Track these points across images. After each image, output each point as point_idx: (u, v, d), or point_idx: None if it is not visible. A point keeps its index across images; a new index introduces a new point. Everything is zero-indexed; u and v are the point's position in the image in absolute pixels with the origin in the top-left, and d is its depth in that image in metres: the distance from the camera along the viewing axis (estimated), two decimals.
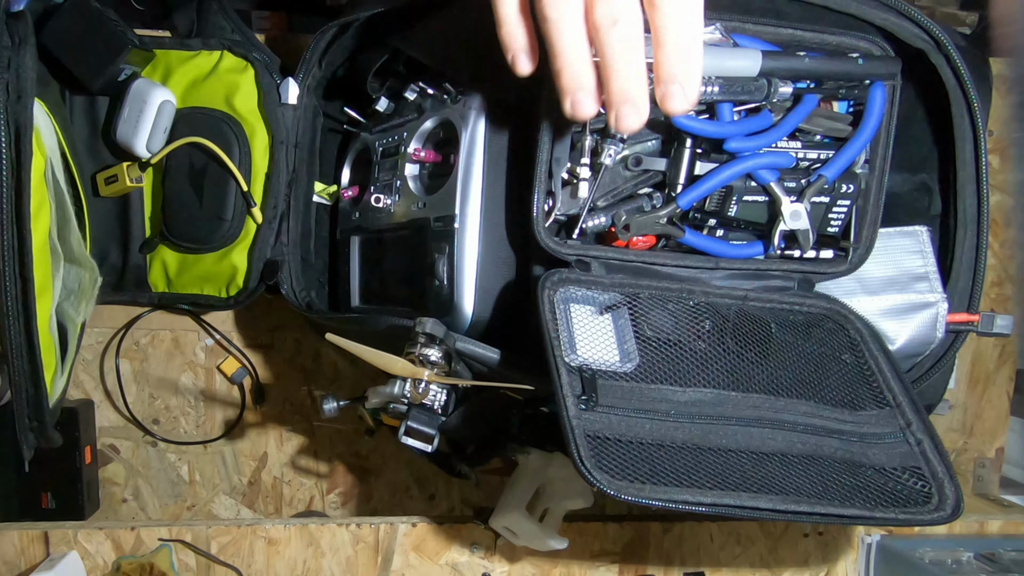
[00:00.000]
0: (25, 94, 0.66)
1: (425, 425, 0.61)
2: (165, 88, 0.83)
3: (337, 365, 1.00)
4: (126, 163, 0.86)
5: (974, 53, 0.68)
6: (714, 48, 0.60)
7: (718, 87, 0.59)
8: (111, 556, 0.86)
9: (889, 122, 0.64)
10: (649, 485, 0.49)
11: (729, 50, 0.60)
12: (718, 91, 0.59)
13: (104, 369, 0.98)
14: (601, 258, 0.63)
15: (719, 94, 0.60)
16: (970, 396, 1.06)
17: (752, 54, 0.59)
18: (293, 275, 0.87)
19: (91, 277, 0.83)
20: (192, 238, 0.87)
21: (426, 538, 0.89)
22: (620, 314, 0.61)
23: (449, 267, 0.67)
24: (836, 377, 0.62)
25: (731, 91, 0.60)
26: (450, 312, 0.67)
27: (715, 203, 0.65)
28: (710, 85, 0.59)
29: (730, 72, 0.59)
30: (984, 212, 0.70)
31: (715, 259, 0.65)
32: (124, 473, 1.01)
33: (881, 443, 0.57)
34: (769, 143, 0.62)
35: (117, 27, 0.79)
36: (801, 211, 0.63)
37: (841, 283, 0.69)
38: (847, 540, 0.95)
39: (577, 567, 0.91)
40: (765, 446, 0.55)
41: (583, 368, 0.56)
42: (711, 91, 0.59)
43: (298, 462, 1.03)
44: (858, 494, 0.52)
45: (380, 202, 0.76)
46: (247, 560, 0.88)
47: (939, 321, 0.70)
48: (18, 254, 0.66)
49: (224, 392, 1.00)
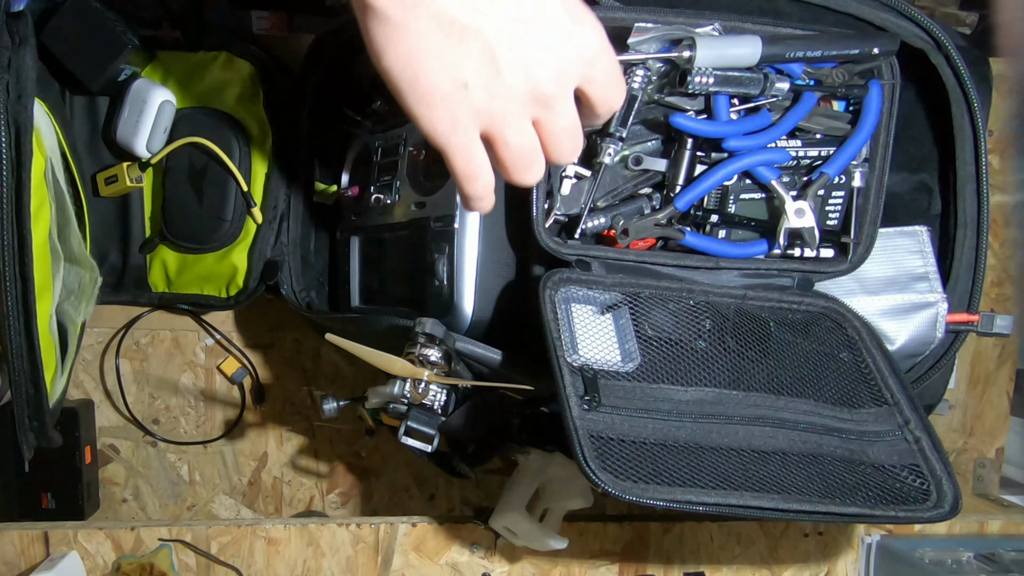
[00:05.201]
0: (25, 94, 0.66)
1: (425, 425, 0.61)
2: (165, 88, 0.83)
3: (337, 365, 1.00)
4: (126, 163, 0.86)
5: (974, 53, 0.68)
6: (715, 38, 0.60)
7: (713, 78, 0.59)
8: (111, 556, 0.86)
9: (889, 120, 0.64)
10: (653, 485, 0.49)
11: (730, 38, 0.60)
12: (713, 82, 0.59)
13: (104, 369, 0.98)
14: (601, 258, 0.63)
15: (714, 85, 0.60)
16: (970, 396, 1.06)
17: (752, 40, 0.59)
18: (293, 275, 0.87)
19: (91, 277, 0.83)
20: (192, 238, 0.87)
21: (426, 538, 0.89)
22: (621, 314, 0.61)
23: (449, 267, 0.67)
24: (835, 376, 0.62)
25: (727, 83, 0.60)
26: (450, 312, 0.67)
27: (713, 203, 0.65)
28: (705, 76, 0.59)
29: (731, 61, 0.59)
30: (984, 212, 0.70)
31: (715, 259, 0.65)
32: (124, 473, 1.01)
33: (880, 441, 0.58)
34: (768, 141, 0.62)
35: (117, 27, 0.79)
36: (805, 208, 0.63)
37: (841, 283, 0.69)
38: (847, 540, 0.95)
39: (577, 567, 0.91)
40: (766, 445, 0.55)
41: (585, 368, 0.56)
42: (706, 82, 0.59)
43: (298, 462, 1.03)
44: (858, 492, 0.52)
45: (380, 202, 0.76)
46: (247, 560, 0.88)
47: (939, 321, 0.70)
48: (18, 254, 0.66)
49: (224, 392, 1.00)
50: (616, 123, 0.61)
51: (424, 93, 0.44)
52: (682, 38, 0.60)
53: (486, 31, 0.42)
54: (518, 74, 0.43)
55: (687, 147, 0.63)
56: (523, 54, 0.43)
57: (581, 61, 0.45)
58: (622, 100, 0.48)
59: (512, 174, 0.47)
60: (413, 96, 0.44)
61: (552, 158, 0.47)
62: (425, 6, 0.41)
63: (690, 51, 0.58)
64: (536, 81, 0.44)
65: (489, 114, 0.44)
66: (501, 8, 0.42)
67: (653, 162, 0.65)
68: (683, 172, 0.63)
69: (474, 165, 0.46)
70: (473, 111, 0.44)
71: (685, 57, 0.58)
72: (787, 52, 0.60)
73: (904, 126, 0.69)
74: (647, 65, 0.61)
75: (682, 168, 0.63)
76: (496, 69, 0.43)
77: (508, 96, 0.44)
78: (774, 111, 0.64)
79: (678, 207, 0.63)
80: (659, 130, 0.65)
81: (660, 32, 0.60)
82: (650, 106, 0.63)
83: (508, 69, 0.43)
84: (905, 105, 0.69)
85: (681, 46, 0.59)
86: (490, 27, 0.42)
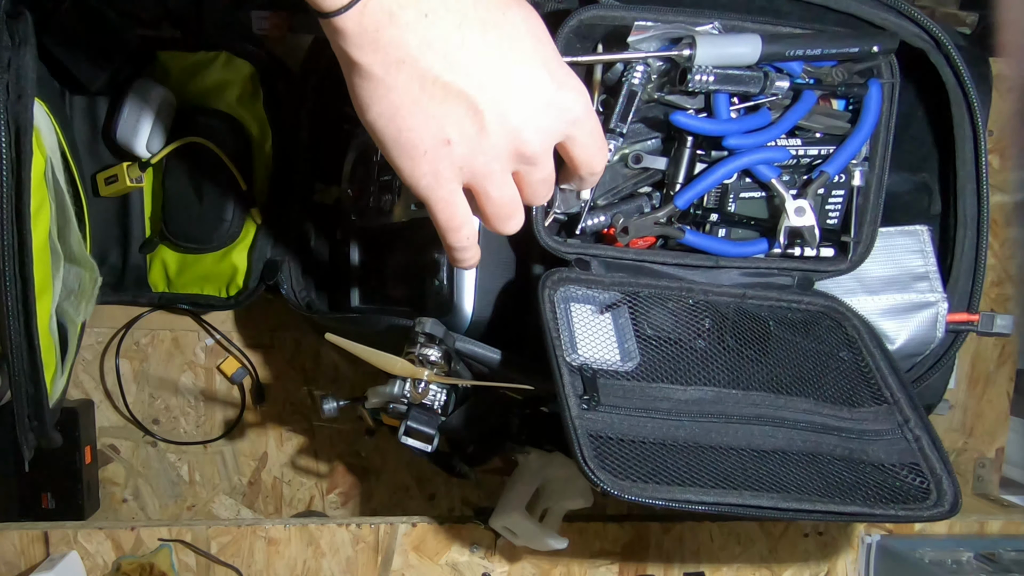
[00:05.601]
0: (25, 94, 0.65)
1: (425, 425, 0.61)
2: (165, 88, 0.83)
3: (337, 365, 1.00)
4: (126, 163, 0.86)
5: (974, 53, 0.68)
6: (715, 36, 0.60)
7: (713, 77, 0.59)
8: (111, 556, 0.86)
9: (889, 119, 0.64)
10: (652, 484, 0.49)
11: (730, 37, 0.60)
12: (713, 80, 0.59)
13: (104, 369, 0.98)
14: (601, 257, 0.63)
15: (714, 83, 0.60)
16: (970, 396, 1.06)
17: (752, 39, 0.59)
18: (293, 275, 0.87)
19: (91, 277, 0.83)
20: (192, 238, 0.87)
21: (426, 538, 0.89)
22: (620, 313, 0.61)
23: (449, 267, 0.67)
24: (834, 374, 0.62)
25: (727, 81, 0.60)
26: (450, 312, 0.67)
27: (713, 201, 0.65)
28: (704, 74, 0.59)
29: (730, 60, 0.59)
30: (984, 212, 0.70)
31: (714, 258, 0.65)
32: (124, 473, 1.01)
33: (880, 440, 0.58)
34: (768, 140, 0.62)
35: (117, 27, 0.79)
36: (806, 207, 0.63)
37: (841, 282, 0.69)
38: (847, 540, 0.95)
39: (577, 567, 0.91)
40: (766, 444, 0.55)
41: (584, 367, 0.56)
42: (706, 80, 0.59)
43: (298, 462, 1.03)
44: (858, 491, 0.52)
45: (380, 202, 0.76)
46: (247, 560, 0.88)
47: (939, 321, 0.70)
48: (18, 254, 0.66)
49: (224, 392, 1.00)
50: (616, 119, 0.61)
51: (407, 147, 0.44)
52: (682, 36, 0.60)
53: (470, 91, 0.42)
54: (501, 133, 0.44)
55: (687, 145, 0.63)
56: (506, 114, 0.43)
57: (564, 122, 0.45)
58: (604, 164, 0.49)
59: (494, 224, 0.48)
60: (396, 150, 0.44)
61: (527, 202, 0.48)
62: (409, 64, 0.41)
63: (690, 49, 0.58)
64: (519, 141, 0.44)
65: (471, 170, 0.45)
66: (486, 69, 0.42)
67: (653, 160, 0.65)
68: (683, 170, 0.63)
69: (457, 217, 0.47)
70: (456, 167, 0.45)
71: (685, 55, 0.58)
72: (787, 50, 0.60)
73: (904, 126, 0.69)
74: (647, 63, 0.61)
75: (682, 166, 0.63)
76: (480, 127, 0.43)
77: (491, 154, 0.44)
78: (774, 110, 0.64)
79: (678, 205, 0.63)
80: (659, 128, 0.65)
81: (660, 31, 0.60)
82: (650, 104, 0.63)
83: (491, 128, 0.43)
84: (905, 105, 0.69)
85: (681, 44, 0.59)
86: (474, 87, 0.42)
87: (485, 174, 0.45)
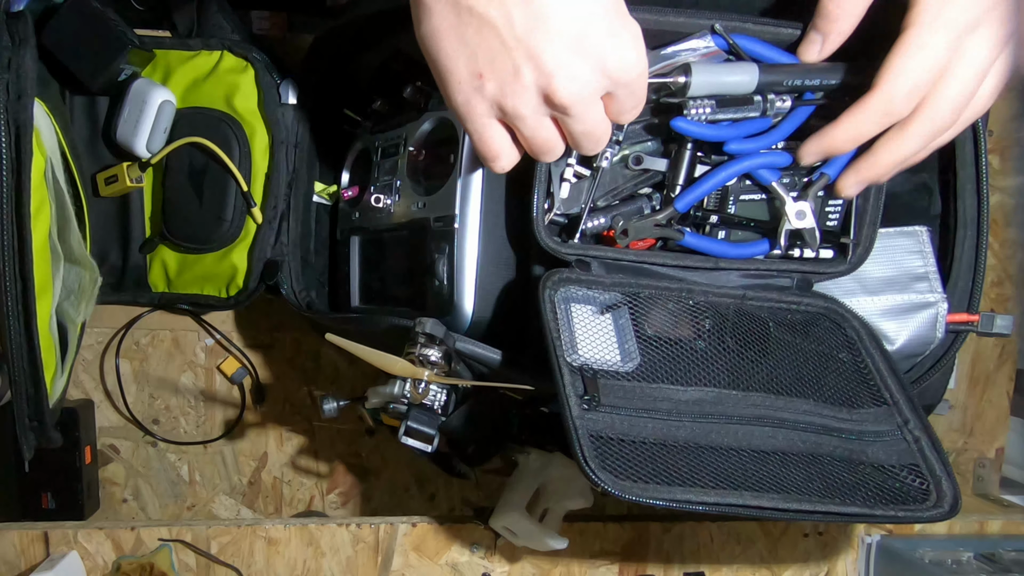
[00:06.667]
0: (25, 94, 0.66)
1: (425, 425, 0.61)
2: (165, 88, 0.83)
3: (337, 365, 1.00)
4: (126, 163, 0.86)
5: None
6: (709, 64, 0.59)
7: (710, 108, 0.59)
8: (111, 556, 0.86)
9: None
10: (653, 485, 0.49)
11: (724, 65, 0.59)
12: (710, 112, 0.59)
13: (104, 369, 0.98)
14: (601, 258, 0.63)
15: (711, 114, 0.59)
16: (970, 396, 1.06)
17: (748, 68, 0.58)
18: (293, 275, 0.87)
19: (91, 277, 0.83)
20: (192, 238, 0.87)
21: (426, 538, 0.89)
22: (620, 313, 0.61)
23: (449, 267, 0.67)
24: (834, 376, 0.62)
25: (725, 110, 0.60)
26: (450, 312, 0.67)
27: (713, 203, 0.65)
28: (700, 107, 0.59)
29: (725, 89, 0.59)
30: (984, 212, 0.70)
31: (714, 259, 0.65)
32: (124, 473, 1.01)
33: (879, 441, 0.58)
34: (768, 145, 0.62)
35: (117, 27, 0.79)
36: (806, 209, 0.63)
37: (841, 283, 0.69)
38: (847, 540, 0.95)
39: (577, 567, 0.91)
40: (766, 444, 0.55)
41: (584, 368, 0.56)
42: (702, 112, 0.59)
43: (298, 462, 1.03)
44: (858, 492, 0.52)
45: (380, 202, 0.76)
46: (247, 560, 0.88)
47: (939, 321, 0.70)
48: (18, 254, 0.66)
49: (224, 392, 1.00)
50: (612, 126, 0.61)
51: (444, 73, 0.44)
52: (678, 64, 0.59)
53: (501, 25, 0.40)
54: (531, 76, 0.41)
55: (687, 148, 0.63)
56: (539, 56, 0.41)
57: (605, 75, 0.43)
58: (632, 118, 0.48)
59: (532, 155, 0.48)
60: (436, 72, 0.44)
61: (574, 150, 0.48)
62: None
63: (685, 76, 0.57)
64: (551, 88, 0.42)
65: (503, 109, 0.44)
66: (521, 3, 0.40)
67: (653, 162, 0.65)
68: (683, 173, 0.63)
69: (491, 149, 0.46)
70: (488, 103, 0.43)
71: (681, 83, 0.58)
72: (784, 80, 0.59)
73: None
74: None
75: (682, 169, 0.63)
76: (511, 67, 0.41)
77: (521, 97, 0.43)
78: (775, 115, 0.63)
79: (678, 209, 0.63)
80: (658, 132, 0.65)
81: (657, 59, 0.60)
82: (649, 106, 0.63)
83: (523, 69, 0.41)
84: None
85: (676, 71, 0.58)
86: (505, 21, 0.40)
87: (516, 116, 0.44)
